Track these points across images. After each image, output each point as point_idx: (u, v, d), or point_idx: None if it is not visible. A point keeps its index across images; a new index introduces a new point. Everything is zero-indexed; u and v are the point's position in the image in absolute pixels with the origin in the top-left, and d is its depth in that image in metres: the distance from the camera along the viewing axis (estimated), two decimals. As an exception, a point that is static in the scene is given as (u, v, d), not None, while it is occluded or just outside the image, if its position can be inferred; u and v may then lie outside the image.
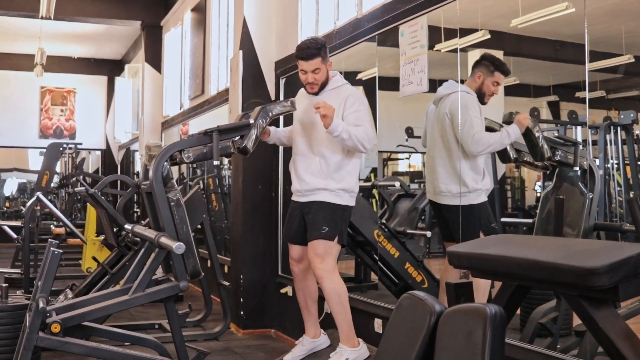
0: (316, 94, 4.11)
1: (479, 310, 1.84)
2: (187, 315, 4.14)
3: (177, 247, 3.45)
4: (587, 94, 3.40)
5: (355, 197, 4.15)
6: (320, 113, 3.82)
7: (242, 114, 4.16)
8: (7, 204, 17.30)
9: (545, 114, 4.77)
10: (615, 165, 4.41)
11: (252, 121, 3.89)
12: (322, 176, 4.02)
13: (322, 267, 3.97)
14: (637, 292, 1.86)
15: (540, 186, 5.20)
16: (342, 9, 5.20)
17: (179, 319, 4.02)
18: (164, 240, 3.62)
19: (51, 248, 3.61)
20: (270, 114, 3.98)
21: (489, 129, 3.97)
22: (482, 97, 4.00)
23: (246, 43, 6.08)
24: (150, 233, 3.83)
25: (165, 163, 3.89)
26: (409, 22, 4.19)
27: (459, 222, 3.99)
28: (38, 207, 8.51)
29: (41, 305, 3.44)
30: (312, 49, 4.02)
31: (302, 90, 4.34)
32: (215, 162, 3.84)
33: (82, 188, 5.88)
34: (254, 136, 3.91)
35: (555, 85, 4.67)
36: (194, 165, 9.69)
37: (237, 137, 3.95)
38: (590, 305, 1.88)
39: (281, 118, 5.51)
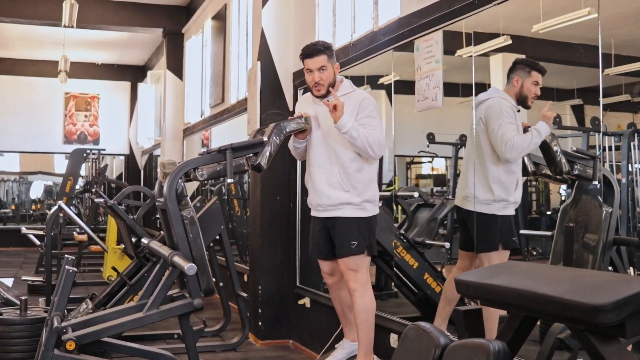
0: (324, 97, 3.99)
1: (483, 347, 1.83)
2: (202, 331, 4.16)
3: (189, 268, 3.46)
4: (601, 100, 3.38)
5: (377, 204, 4.07)
6: (331, 104, 3.75)
7: (256, 130, 4.15)
8: (33, 207, 17.49)
9: (569, 119, 4.73)
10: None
11: (265, 139, 3.88)
12: (345, 187, 3.91)
13: (356, 279, 3.93)
14: (645, 329, 1.83)
15: (564, 189, 5.16)
16: (358, 22, 5.19)
17: (194, 335, 4.04)
18: (177, 259, 3.63)
19: (66, 266, 3.64)
20: (284, 130, 3.95)
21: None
22: (524, 101, 3.91)
23: (264, 54, 6.09)
24: (165, 250, 3.85)
25: (179, 180, 3.90)
26: (424, 36, 4.17)
27: (480, 230, 3.95)
28: (61, 214, 8.60)
29: (55, 324, 3.47)
30: (318, 47, 3.97)
31: (305, 96, 4.23)
32: (229, 180, 3.83)
33: (102, 199, 5.91)
34: (267, 153, 3.89)
35: (579, 88, 4.63)
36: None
37: (251, 155, 3.94)
38: (597, 340, 1.86)
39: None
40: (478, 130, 3.94)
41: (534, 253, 5.43)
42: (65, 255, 3.90)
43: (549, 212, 5.74)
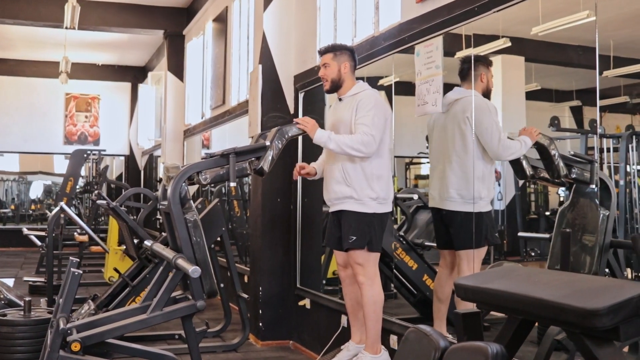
0: (334, 93, 4.26)
1: (481, 349, 1.89)
2: (204, 332, 4.21)
3: (193, 270, 3.52)
4: (597, 102, 3.43)
5: (388, 203, 4.14)
6: (301, 125, 4.04)
7: (258, 135, 4.21)
8: (32, 207, 17.52)
9: (568, 121, 4.77)
10: (638, 172, 4.43)
11: (268, 143, 3.94)
12: (347, 182, 4.06)
13: (364, 273, 4.05)
14: (638, 333, 1.89)
15: (563, 191, 5.22)
16: (359, 26, 5.24)
17: (197, 336, 4.09)
18: (180, 262, 3.69)
19: (72, 269, 3.69)
20: (286, 135, 4.02)
21: None
22: (488, 95, 4.10)
23: (265, 57, 6.14)
24: (169, 253, 3.90)
25: (183, 184, 3.96)
26: (425, 42, 4.22)
27: (465, 229, 4.03)
28: (63, 215, 8.65)
29: (61, 326, 3.52)
30: (327, 46, 4.30)
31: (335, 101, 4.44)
32: (232, 184, 3.89)
33: (104, 201, 5.96)
34: (270, 157, 3.95)
35: (578, 90, 4.67)
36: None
37: (254, 159, 4.00)
38: (592, 343, 1.92)
39: (300, 138, 5.55)
40: (463, 130, 4.03)
41: (532, 254, 5.48)
42: (70, 258, 3.95)
43: (547, 213, 5.79)
